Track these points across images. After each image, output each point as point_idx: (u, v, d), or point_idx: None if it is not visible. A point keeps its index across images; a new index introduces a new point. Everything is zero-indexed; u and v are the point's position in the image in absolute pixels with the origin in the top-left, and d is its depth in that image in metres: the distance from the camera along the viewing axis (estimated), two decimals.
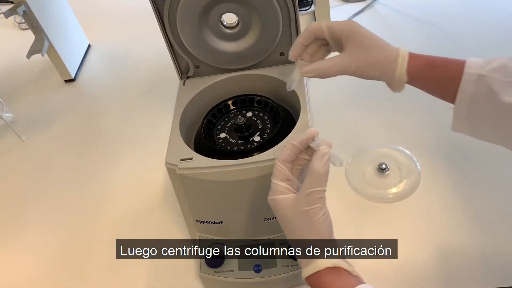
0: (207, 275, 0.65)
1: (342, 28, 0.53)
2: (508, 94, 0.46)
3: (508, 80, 0.46)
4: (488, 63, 0.48)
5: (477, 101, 0.49)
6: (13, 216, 0.87)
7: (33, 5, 1.03)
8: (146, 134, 0.98)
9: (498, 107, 0.47)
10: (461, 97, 0.49)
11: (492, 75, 0.47)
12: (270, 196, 0.50)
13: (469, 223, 0.69)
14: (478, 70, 0.48)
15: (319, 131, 0.52)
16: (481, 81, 0.48)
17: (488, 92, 0.47)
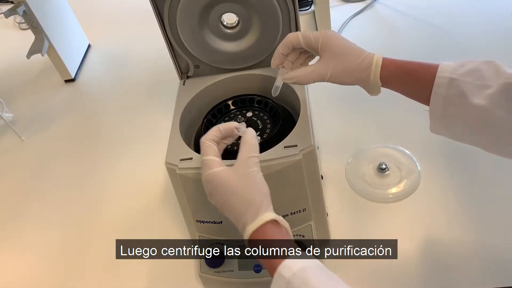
0: (207, 275, 0.65)
1: (317, 38, 0.56)
2: (478, 96, 0.48)
3: (479, 83, 0.48)
4: (460, 67, 0.50)
5: (449, 103, 0.50)
6: (13, 216, 0.87)
7: (33, 5, 1.03)
8: (146, 134, 0.98)
9: (469, 109, 0.49)
10: (435, 100, 0.51)
11: (463, 78, 0.49)
12: (206, 172, 0.51)
13: (469, 223, 0.69)
14: (449, 74, 0.50)
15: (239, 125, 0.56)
16: (452, 84, 0.50)
17: (459, 95, 0.49)
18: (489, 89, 0.47)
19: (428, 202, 0.73)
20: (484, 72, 0.49)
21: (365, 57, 0.55)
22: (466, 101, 0.49)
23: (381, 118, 0.89)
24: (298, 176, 0.60)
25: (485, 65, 0.49)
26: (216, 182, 0.50)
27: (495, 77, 0.48)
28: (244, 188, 0.49)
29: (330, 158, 0.83)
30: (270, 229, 0.48)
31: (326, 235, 0.70)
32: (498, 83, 0.47)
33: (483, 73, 0.48)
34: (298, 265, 0.43)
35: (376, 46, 1.09)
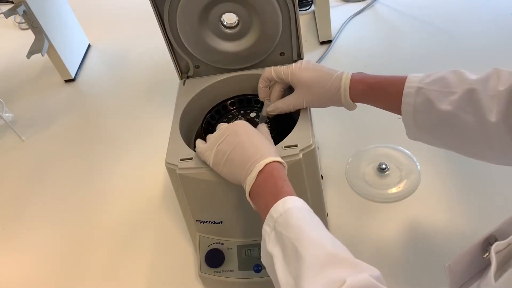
0: (207, 275, 0.65)
1: (286, 74, 0.62)
2: (443, 102, 0.51)
3: (444, 90, 0.51)
4: (427, 77, 0.53)
5: (418, 111, 0.53)
6: (13, 216, 0.87)
7: (33, 5, 1.03)
8: (146, 134, 0.98)
9: (437, 115, 0.51)
10: (405, 109, 0.54)
11: (429, 87, 0.52)
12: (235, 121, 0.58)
13: (469, 222, 0.69)
14: (417, 84, 0.53)
15: None
16: (419, 92, 0.52)
17: (426, 102, 0.52)
18: (454, 95, 0.50)
19: (428, 202, 0.73)
20: (449, 80, 0.51)
21: (332, 83, 0.59)
22: (433, 107, 0.51)
23: (381, 118, 0.89)
24: (298, 176, 0.60)
25: (450, 74, 0.52)
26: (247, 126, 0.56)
27: (459, 84, 0.50)
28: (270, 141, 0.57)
29: (330, 158, 0.83)
30: (283, 169, 0.52)
31: None
32: (461, 89, 0.49)
33: (448, 80, 0.51)
34: (286, 206, 0.46)
35: (376, 46, 1.09)
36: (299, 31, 0.69)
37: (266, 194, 0.49)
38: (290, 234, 0.43)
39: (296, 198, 0.48)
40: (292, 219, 0.44)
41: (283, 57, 0.73)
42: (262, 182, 0.50)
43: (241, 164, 0.52)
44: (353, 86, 0.58)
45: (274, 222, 0.46)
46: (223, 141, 0.54)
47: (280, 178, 0.50)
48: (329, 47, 1.11)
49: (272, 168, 0.50)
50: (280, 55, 0.73)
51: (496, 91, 0.47)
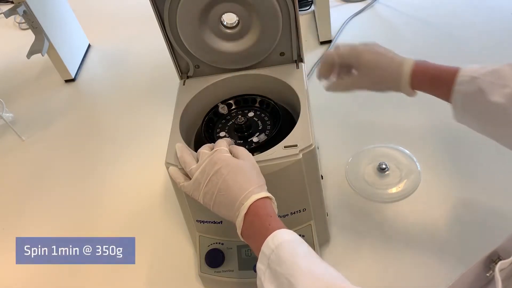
0: (207, 275, 0.65)
1: (350, 55, 0.62)
2: (495, 94, 0.50)
3: (498, 82, 0.51)
4: (482, 68, 0.53)
5: (468, 99, 0.53)
6: (13, 215, 0.87)
7: (33, 5, 1.03)
8: (146, 134, 0.98)
9: (488, 105, 0.51)
10: (455, 97, 0.55)
11: (483, 77, 0.52)
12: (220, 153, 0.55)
13: (469, 222, 0.69)
14: (471, 73, 0.53)
15: None
16: (473, 82, 0.53)
17: (478, 92, 0.52)
18: (507, 88, 0.50)
19: (428, 202, 0.73)
20: (505, 73, 0.51)
21: (394, 69, 0.59)
22: (484, 98, 0.51)
23: (381, 118, 0.89)
24: (298, 176, 0.60)
25: (506, 67, 0.51)
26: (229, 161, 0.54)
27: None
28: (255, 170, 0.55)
29: (330, 158, 0.83)
30: (270, 203, 0.52)
31: (326, 235, 0.70)
32: None
33: (503, 73, 0.51)
34: (277, 241, 0.46)
35: None
36: (299, 31, 0.69)
37: (255, 234, 0.49)
38: (284, 270, 0.43)
39: (285, 230, 0.48)
40: (284, 254, 0.45)
41: (283, 57, 0.73)
42: (250, 223, 0.50)
43: (228, 206, 0.52)
44: (414, 75, 0.58)
45: (267, 259, 0.46)
46: (208, 182, 0.53)
47: (265, 216, 0.50)
48: (329, 47, 1.11)
49: (257, 208, 0.50)
50: (280, 55, 0.73)
51: None
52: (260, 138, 0.64)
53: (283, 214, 0.63)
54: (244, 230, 0.51)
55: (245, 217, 0.50)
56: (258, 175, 0.54)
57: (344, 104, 0.94)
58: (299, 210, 0.63)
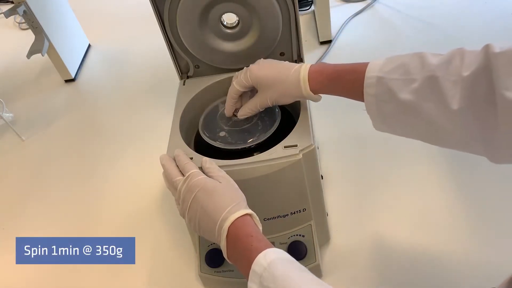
0: (207, 275, 0.65)
1: (247, 78, 0.62)
2: (404, 91, 0.49)
3: (405, 78, 0.49)
4: (386, 64, 0.51)
5: (381, 101, 0.52)
6: (13, 215, 0.87)
7: (33, 5, 1.03)
8: (145, 134, 0.98)
9: (398, 105, 0.50)
10: (368, 100, 0.53)
11: (389, 75, 0.50)
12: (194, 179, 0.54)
13: (469, 222, 0.69)
14: (377, 73, 0.51)
15: None
16: (380, 82, 0.51)
17: (387, 92, 0.50)
18: (414, 83, 0.48)
19: (428, 202, 0.73)
20: (409, 66, 0.49)
21: (291, 78, 0.59)
22: (394, 97, 0.50)
23: None
24: (298, 176, 0.60)
25: (412, 58, 0.49)
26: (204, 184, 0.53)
27: (420, 70, 0.48)
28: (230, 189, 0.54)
29: (330, 158, 0.83)
30: (249, 220, 0.51)
31: (326, 235, 0.70)
32: (422, 76, 0.47)
33: (408, 67, 0.49)
34: (269, 259, 0.45)
35: (376, 46, 1.09)
36: (299, 31, 0.69)
37: (240, 256, 0.49)
38: (278, 286, 0.43)
39: (275, 249, 0.47)
40: (277, 271, 0.44)
41: (283, 57, 0.73)
42: (233, 246, 0.49)
43: (211, 231, 0.51)
44: (312, 78, 0.58)
45: (259, 277, 0.45)
46: (189, 210, 0.53)
47: (246, 237, 0.49)
48: (329, 47, 1.11)
49: (236, 229, 0.49)
50: (280, 55, 0.73)
51: (458, 76, 0.45)
52: (260, 138, 0.64)
53: (283, 214, 0.63)
54: (229, 253, 0.50)
55: (227, 240, 0.49)
56: (234, 192, 0.53)
57: (344, 104, 0.94)
58: (299, 210, 0.63)
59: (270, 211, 0.63)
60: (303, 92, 0.59)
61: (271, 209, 0.63)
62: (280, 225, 0.64)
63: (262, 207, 0.62)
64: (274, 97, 0.61)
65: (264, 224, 0.63)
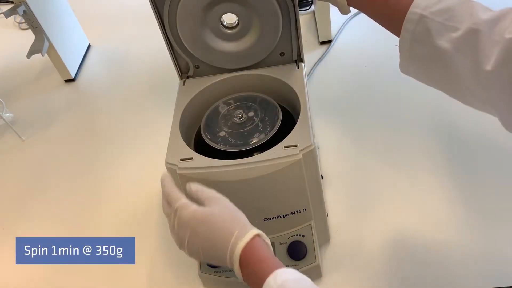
0: (207, 275, 0.65)
1: None
2: (443, 38, 0.46)
3: (448, 24, 0.46)
4: (434, 4, 0.47)
5: (416, 41, 0.48)
6: (13, 215, 0.87)
7: (33, 5, 1.03)
8: (146, 134, 0.98)
9: (433, 50, 0.47)
10: (403, 35, 0.49)
11: (433, 17, 0.46)
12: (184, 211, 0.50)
13: (469, 222, 0.69)
14: (421, 10, 0.47)
15: None
16: (421, 21, 0.47)
17: (425, 33, 0.47)
18: (456, 32, 0.45)
19: (429, 202, 0.73)
20: (456, 13, 0.46)
21: None
22: (431, 41, 0.47)
23: (380, 117, 0.89)
24: (298, 176, 0.60)
25: (461, 5, 0.46)
26: (198, 216, 0.50)
27: (465, 20, 0.45)
28: (227, 211, 0.50)
29: (330, 158, 0.83)
30: (259, 241, 0.48)
31: (326, 235, 0.70)
32: (465, 27, 0.44)
33: (455, 13, 0.46)
34: (278, 281, 0.43)
35: (376, 46, 1.09)
36: (299, 31, 0.69)
37: (254, 283, 0.47)
38: None
39: (286, 269, 0.45)
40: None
41: (283, 57, 0.73)
42: (246, 274, 0.47)
43: (221, 260, 0.49)
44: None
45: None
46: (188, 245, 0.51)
47: (257, 263, 0.47)
48: (329, 47, 1.11)
49: (246, 258, 0.47)
50: (280, 55, 0.73)
51: (501, 36, 0.42)
52: (260, 138, 0.64)
53: (283, 214, 0.63)
54: (245, 279, 0.48)
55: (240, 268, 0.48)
56: (233, 214, 0.50)
57: (344, 104, 0.94)
58: (299, 210, 0.63)
59: (270, 211, 0.63)
60: None
61: (271, 209, 0.63)
62: (280, 225, 0.64)
63: (262, 207, 0.62)
64: None
65: (264, 224, 0.63)
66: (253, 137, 0.65)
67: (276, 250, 0.64)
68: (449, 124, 0.84)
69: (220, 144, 0.65)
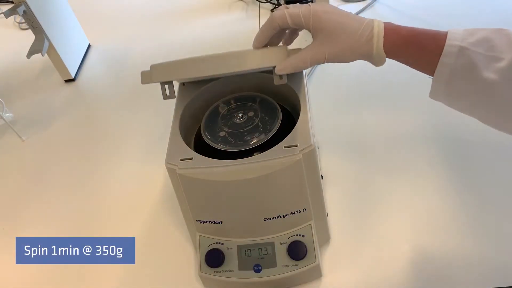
0: (207, 275, 0.65)
1: (307, 17, 0.51)
2: (489, 69, 0.45)
3: (490, 54, 0.45)
4: (470, 35, 0.47)
5: (456, 74, 0.47)
6: (13, 215, 0.87)
7: (33, 5, 1.03)
8: (146, 133, 0.98)
9: (478, 82, 0.46)
10: (441, 70, 0.48)
11: (474, 48, 0.46)
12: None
13: (469, 222, 0.69)
14: (459, 42, 0.46)
15: None
16: (462, 54, 0.46)
17: (469, 66, 0.46)
18: (501, 62, 0.44)
19: (429, 202, 0.73)
20: (495, 42, 0.45)
21: (363, 30, 0.50)
22: (475, 73, 0.45)
23: (381, 117, 0.89)
24: (298, 176, 0.60)
25: (496, 34, 0.46)
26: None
27: (508, 49, 0.44)
28: None
29: (330, 158, 0.83)
30: None
31: (326, 235, 0.70)
32: (511, 57, 0.44)
33: (494, 43, 0.45)
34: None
35: None
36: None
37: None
38: None
39: None
40: None
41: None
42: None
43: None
44: (387, 35, 0.50)
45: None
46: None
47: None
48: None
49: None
50: None
51: None
52: (260, 138, 0.64)
53: (283, 214, 0.63)
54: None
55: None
56: None
57: (344, 104, 0.94)
58: (299, 210, 0.63)
59: (270, 211, 0.63)
60: (373, 50, 0.50)
61: (271, 209, 0.63)
62: (280, 225, 0.64)
63: (262, 207, 0.62)
64: (335, 52, 0.51)
65: (264, 224, 0.63)
66: (253, 137, 0.65)
67: (276, 250, 0.64)
68: (449, 125, 0.84)
69: (220, 144, 0.65)
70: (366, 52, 0.51)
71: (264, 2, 1.32)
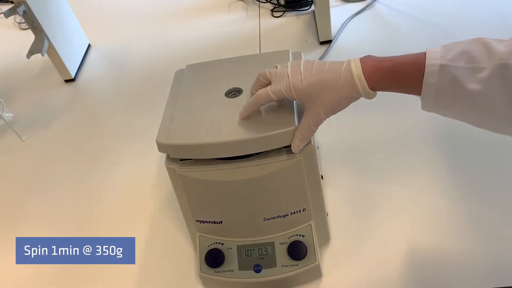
0: (207, 275, 0.65)
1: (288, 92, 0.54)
2: (472, 81, 0.45)
3: (470, 66, 0.46)
4: (448, 51, 0.48)
5: (442, 91, 0.48)
6: (13, 215, 0.87)
7: (33, 5, 1.03)
8: (146, 133, 0.98)
9: (464, 94, 0.46)
10: (427, 90, 0.49)
11: (453, 64, 0.47)
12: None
13: (469, 222, 0.69)
14: (439, 61, 0.47)
15: None
16: (443, 71, 0.47)
17: (452, 81, 0.47)
18: (483, 71, 0.45)
19: (429, 202, 0.73)
20: (474, 54, 0.47)
21: (343, 80, 0.52)
22: (460, 87, 0.46)
23: (382, 118, 0.89)
24: (298, 176, 0.60)
25: (474, 45, 0.47)
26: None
27: (487, 58, 0.46)
28: None
29: (330, 158, 0.83)
30: None
31: (326, 235, 0.70)
32: (491, 65, 0.45)
33: (473, 54, 0.47)
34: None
35: (376, 46, 1.09)
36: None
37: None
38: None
39: None
40: None
41: None
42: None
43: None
44: (368, 74, 0.51)
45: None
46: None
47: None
48: (329, 47, 1.11)
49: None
50: None
51: None
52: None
53: (283, 214, 0.63)
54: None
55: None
56: None
57: None
58: (299, 210, 0.63)
59: (270, 211, 0.63)
60: (360, 91, 0.52)
61: (271, 209, 0.63)
62: (280, 225, 0.64)
63: (262, 207, 0.62)
64: (328, 108, 0.54)
65: (264, 224, 0.63)
66: None
67: (276, 250, 0.64)
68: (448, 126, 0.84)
69: None
70: (356, 93, 0.53)
71: (264, 2, 1.32)
